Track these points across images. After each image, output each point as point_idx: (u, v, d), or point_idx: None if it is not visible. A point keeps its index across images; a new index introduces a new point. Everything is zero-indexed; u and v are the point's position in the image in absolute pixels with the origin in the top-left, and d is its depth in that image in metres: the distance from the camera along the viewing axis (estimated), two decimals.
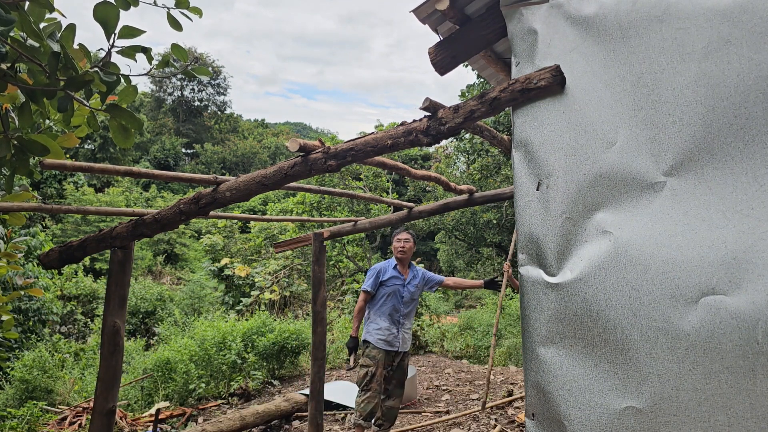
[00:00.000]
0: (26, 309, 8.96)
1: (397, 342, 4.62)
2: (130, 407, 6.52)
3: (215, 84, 47.48)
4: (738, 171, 1.70)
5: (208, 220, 18.11)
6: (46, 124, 2.26)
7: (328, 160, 2.00)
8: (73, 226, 21.70)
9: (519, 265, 2.03)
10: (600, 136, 1.88)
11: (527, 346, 1.98)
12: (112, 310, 2.33)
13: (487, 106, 1.91)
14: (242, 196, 2.13)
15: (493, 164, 15.39)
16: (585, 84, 1.93)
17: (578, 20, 1.97)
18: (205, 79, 45.18)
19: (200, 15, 1.71)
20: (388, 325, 4.62)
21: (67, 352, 8.60)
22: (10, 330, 3.65)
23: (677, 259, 1.73)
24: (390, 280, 4.66)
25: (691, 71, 1.77)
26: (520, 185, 2.03)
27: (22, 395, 6.64)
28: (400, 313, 4.64)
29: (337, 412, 5.94)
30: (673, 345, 1.71)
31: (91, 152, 31.70)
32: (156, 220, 2.27)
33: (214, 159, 41.61)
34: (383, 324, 4.61)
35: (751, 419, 1.61)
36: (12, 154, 1.64)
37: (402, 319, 4.67)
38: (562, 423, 1.84)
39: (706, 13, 1.77)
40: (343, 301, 13.08)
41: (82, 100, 1.73)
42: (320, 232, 3.92)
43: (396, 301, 4.63)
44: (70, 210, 2.62)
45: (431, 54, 2.49)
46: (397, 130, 2.00)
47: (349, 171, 17.79)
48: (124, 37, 1.59)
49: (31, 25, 1.47)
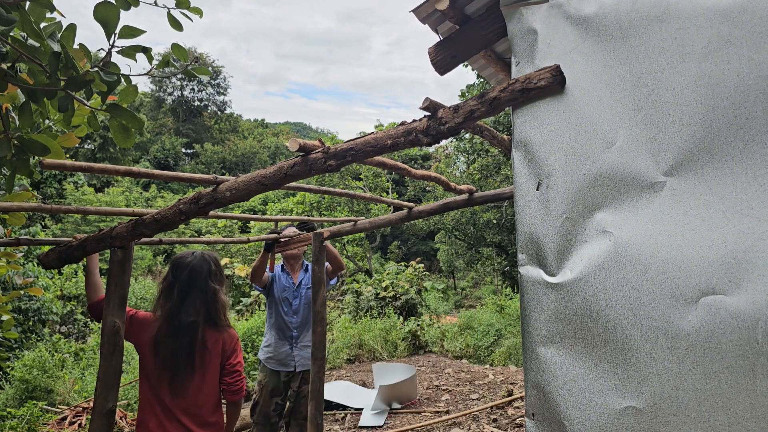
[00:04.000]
0: (26, 309, 8.96)
1: (292, 361, 3.86)
2: (130, 407, 6.52)
3: (215, 84, 47.51)
4: (738, 171, 1.70)
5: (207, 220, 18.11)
6: (46, 124, 2.27)
7: (328, 160, 2.00)
8: (73, 226, 21.71)
9: (519, 265, 2.03)
10: (600, 136, 1.88)
11: (527, 346, 1.98)
12: (112, 310, 2.33)
13: (486, 106, 1.91)
14: (242, 196, 2.13)
15: (493, 164, 15.40)
16: (585, 84, 1.93)
17: (578, 20, 1.97)
18: (205, 78, 45.19)
19: (201, 15, 1.71)
20: (277, 340, 3.89)
21: (67, 352, 8.60)
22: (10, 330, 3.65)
23: (677, 259, 1.73)
24: (278, 286, 3.95)
25: (691, 71, 1.78)
26: (520, 185, 2.03)
27: (22, 395, 6.65)
28: (291, 326, 3.90)
29: (337, 412, 5.95)
30: (673, 345, 1.71)
31: (91, 152, 31.70)
32: (156, 220, 2.27)
33: (214, 159, 41.62)
34: (271, 340, 3.91)
35: (751, 419, 1.62)
36: (12, 154, 1.64)
37: (296, 333, 3.90)
38: (562, 423, 1.85)
39: (706, 13, 1.77)
40: (343, 301, 13.08)
41: (83, 99, 1.74)
42: (320, 232, 3.92)
43: (285, 312, 3.90)
44: (70, 210, 2.62)
45: (431, 54, 2.49)
46: (396, 130, 2.00)
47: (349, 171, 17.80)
48: (125, 37, 1.59)
49: (32, 25, 1.47)
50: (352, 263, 17.91)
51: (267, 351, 3.94)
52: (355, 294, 12.32)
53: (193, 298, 2.43)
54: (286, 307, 3.93)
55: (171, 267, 2.51)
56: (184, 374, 2.37)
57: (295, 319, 3.92)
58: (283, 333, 3.91)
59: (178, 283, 2.44)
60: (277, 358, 3.89)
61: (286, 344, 3.90)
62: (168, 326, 2.39)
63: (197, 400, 2.41)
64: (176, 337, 2.37)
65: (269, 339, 3.95)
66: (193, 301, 2.43)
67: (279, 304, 3.94)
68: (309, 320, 3.92)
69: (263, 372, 3.90)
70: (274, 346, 3.92)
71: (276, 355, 3.90)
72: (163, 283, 2.50)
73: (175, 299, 2.42)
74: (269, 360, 3.91)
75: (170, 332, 2.38)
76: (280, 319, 3.93)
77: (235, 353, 2.52)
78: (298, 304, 3.94)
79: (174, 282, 2.45)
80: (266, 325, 4.03)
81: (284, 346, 3.90)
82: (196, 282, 2.45)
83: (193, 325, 2.39)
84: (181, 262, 2.49)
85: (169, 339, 2.37)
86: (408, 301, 11.83)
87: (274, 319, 3.96)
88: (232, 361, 2.50)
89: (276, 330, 3.94)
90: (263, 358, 3.91)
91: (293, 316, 3.93)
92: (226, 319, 2.53)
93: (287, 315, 3.93)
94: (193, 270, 2.46)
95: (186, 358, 2.36)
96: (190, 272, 2.46)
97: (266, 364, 3.89)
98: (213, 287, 2.50)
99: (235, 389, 2.51)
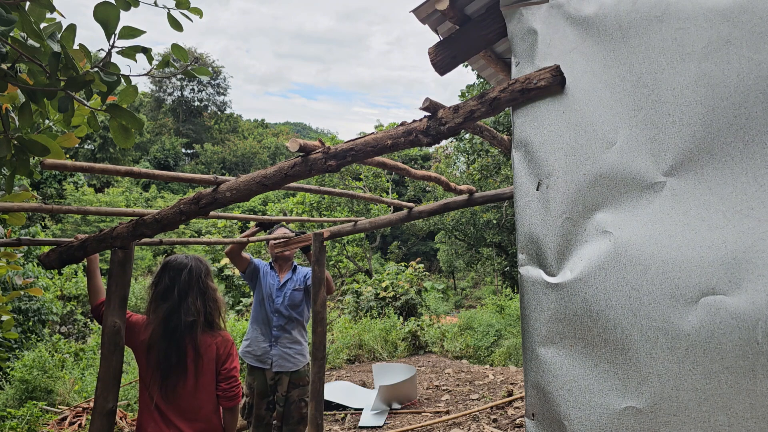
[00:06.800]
0: (26, 309, 8.96)
1: (269, 359, 3.82)
2: (130, 407, 6.52)
3: (215, 84, 47.54)
4: (738, 171, 1.70)
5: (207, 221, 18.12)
6: (46, 124, 2.27)
7: (328, 160, 2.00)
8: (73, 226, 21.72)
9: (519, 265, 2.03)
10: (600, 136, 1.88)
11: (527, 346, 1.98)
12: (112, 310, 2.33)
13: (486, 106, 1.91)
14: (242, 196, 2.13)
15: (493, 164, 15.40)
16: (585, 84, 1.93)
17: (578, 20, 1.97)
18: (205, 79, 45.21)
19: (200, 15, 1.71)
20: (258, 335, 3.88)
21: (67, 352, 8.60)
22: (10, 330, 3.65)
23: (677, 259, 1.73)
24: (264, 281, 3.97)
25: (691, 71, 1.78)
26: (520, 185, 2.03)
27: (22, 395, 6.65)
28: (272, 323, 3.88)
29: (337, 412, 5.95)
30: (673, 345, 1.71)
31: (91, 152, 31.72)
32: (156, 220, 2.27)
33: (214, 159, 41.65)
34: (252, 334, 3.90)
35: (751, 419, 1.62)
36: (12, 154, 1.64)
37: (277, 332, 3.87)
38: (562, 423, 1.85)
39: (706, 13, 1.77)
40: (343, 301, 13.08)
41: (83, 100, 1.74)
42: (320, 232, 3.92)
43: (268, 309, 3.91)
44: (70, 210, 2.62)
45: (431, 54, 2.49)
46: (397, 130, 2.00)
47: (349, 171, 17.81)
48: (125, 37, 1.59)
49: (32, 25, 1.47)
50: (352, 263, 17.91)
51: (245, 345, 3.91)
52: (355, 294, 12.32)
53: (193, 298, 2.42)
54: (269, 304, 3.94)
55: (165, 270, 2.47)
56: (177, 378, 2.35)
57: (276, 317, 3.90)
58: (264, 328, 3.90)
59: (177, 285, 2.41)
60: (254, 353, 3.87)
61: (265, 341, 3.87)
62: (163, 328, 2.36)
63: (192, 404, 2.39)
64: (169, 340, 2.35)
65: (249, 333, 3.94)
66: (194, 301, 2.41)
67: (265, 299, 3.93)
68: (294, 324, 3.93)
69: (251, 375, 3.88)
70: (252, 340, 3.90)
71: (254, 350, 3.87)
72: (157, 286, 2.45)
73: (175, 300, 2.39)
74: (246, 354, 3.88)
75: (164, 335, 2.36)
76: (264, 314, 3.92)
77: (230, 358, 2.49)
78: (280, 303, 3.92)
79: (172, 284, 2.42)
80: (250, 319, 4.02)
81: (263, 342, 3.87)
82: (195, 282, 2.44)
83: (190, 327, 2.38)
84: (177, 264, 2.47)
85: (161, 342, 2.35)
86: (408, 302, 11.83)
87: (257, 313, 3.95)
88: (228, 366, 2.48)
89: (257, 325, 3.92)
90: (241, 352, 3.85)
91: (274, 314, 3.91)
92: (223, 320, 2.53)
93: (270, 312, 3.92)
94: (192, 271, 2.46)
95: (177, 361, 2.34)
96: (189, 273, 2.45)
97: (243, 358, 3.84)
98: (212, 286, 2.51)
99: (231, 395, 2.48)
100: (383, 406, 5.89)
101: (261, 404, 3.83)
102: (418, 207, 4.14)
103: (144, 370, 2.41)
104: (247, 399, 3.87)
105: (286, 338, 3.88)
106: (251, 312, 4.02)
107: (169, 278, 2.44)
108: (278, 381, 3.86)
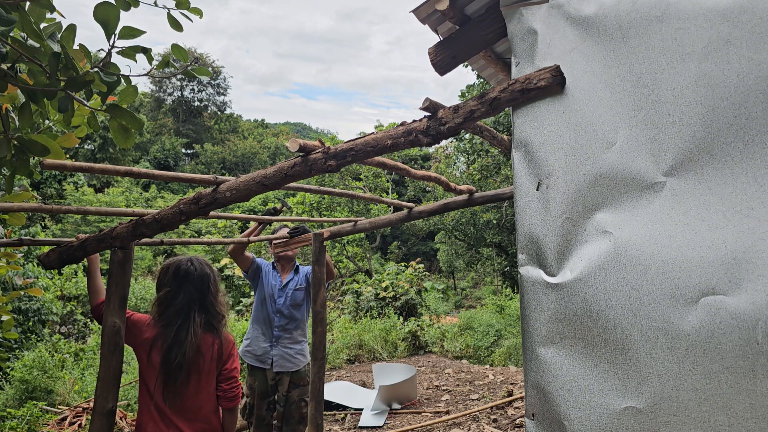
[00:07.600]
0: (26, 309, 8.97)
1: (269, 359, 3.80)
2: (130, 407, 6.52)
3: (215, 84, 47.53)
4: (738, 171, 1.70)
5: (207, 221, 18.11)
6: (46, 124, 2.27)
7: (328, 160, 2.00)
8: (73, 226, 21.72)
9: (519, 265, 2.03)
10: (600, 136, 1.88)
11: (527, 346, 1.98)
12: (113, 311, 2.33)
13: (486, 106, 1.91)
14: (242, 196, 2.13)
15: (493, 164, 15.40)
16: (585, 84, 1.93)
17: (578, 20, 1.97)
18: (205, 79, 45.21)
19: (200, 15, 1.71)
20: (258, 335, 3.86)
21: (67, 353, 8.60)
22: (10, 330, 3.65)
23: (677, 259, 1.73)
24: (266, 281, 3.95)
25: (691, 71, 1.78)
26: (520, 185, 2.03)
27: (22, 395, 6.65)
28: (273, 323, 3.86)
29: (337, 413, 5.95)
30: (673, 345, 1.71)
31: (91, 152, 31.72)
32: (156, 220, 2.27)
33: (214, 159, 41.66)
34: (252, 333, 3.89)
35: (751, 419, 1.61)
36: (12, 154, 1.64)
37: (279, 333, 3.84)
38: (562, 423, 1.85)
39: (706, 13, 1.77)
40: (343, 301, 13.08)
41: (82, 100, 1.74)
42: (320, 232, 3.92)
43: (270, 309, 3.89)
44: (70, 210, 2.62)
45: (431, 54, 2.49)
46: (396, 130, 2.00)
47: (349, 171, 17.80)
48: (125, 37, 1.59)
49: (32, 25, 1.47)
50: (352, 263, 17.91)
51: (245, 344, 3.89)
52: (355, 294, 12.33)
53: (201, 303, 2.42)
54: (270, 304, 3.91)
55: (172, 275, 2.44)
56: (180, 379, 2.35)
57: (277, 318, 3.88)
58: (264, 328, 3.88)
59: (183, 291, 2.40)
60: (254, 353, 3.84)
61: (266, 341, 3.85)
62: (167, 331, 2.37)
63: (193, 404, 2.39)
64: (173, 342, 2.35)
65: (250, 333, 3.92)
66: (200, 306, 2.42)
67: (266, 299, 3.91)
68: (295, 324, 3.91)
69: (251, 375, 3.87)
70: (253, 340, 3.88)
71: (254, 349, 3.85)
72: (163, 289, 2.44)
73: (182, 305, 2.38)
74: (247, 354, 3.85)
75: (167, 336, 2.36)
76: (265, 314, 3.91)
77: (231, 358, 2.50)
78: (281, 303, 3.90)
79: (178, 290, 2.40)
80: (251, 318, 4.00)
81: (264, 342, 3.85)
82: (203, 288, 2.43)
83: (193, 330, 2.38)
84: (185, 269, 2.45)
85: (165, 343, 2.35)
86: (408, 302, 11.83)
87: (258, 313, 3.93)
88: (228, 367, 2.48)
89: (258, 324, 3.89)
90: (241, 351, 3.82)
91: (275, 315, 3.88)
92: (225, 322, 2.53)
93: (271, 312, 3.90)
94: (199, 277, 2.44)
95: (181, 362, 2.34)
96: (200, 278, 2.43)
97: (243, 358, 3.82)
98: (219, 290, 2.51)
99: (231, 396, 2.49)
100: (383, 406, 5.89)
101: (262, 405, 3.82)
102: (418, 207, 4.14)
103: (145, 369, 2.41)
104: (247, 399, 3.86)
105: (287, 338, 3.87)
106: (252, 311, 4.01)
107: (177, 285, 2.42)
108: (279, 381, 3.85)
